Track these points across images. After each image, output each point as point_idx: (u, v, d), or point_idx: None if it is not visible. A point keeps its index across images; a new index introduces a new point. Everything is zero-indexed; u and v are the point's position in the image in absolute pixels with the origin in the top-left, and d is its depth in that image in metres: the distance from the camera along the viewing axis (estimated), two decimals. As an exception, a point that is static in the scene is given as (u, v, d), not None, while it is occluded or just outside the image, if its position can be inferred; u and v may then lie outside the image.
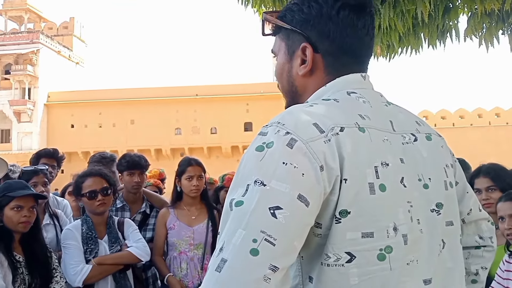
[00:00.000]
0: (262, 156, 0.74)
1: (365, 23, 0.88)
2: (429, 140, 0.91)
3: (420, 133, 0.91)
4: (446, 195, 0.88)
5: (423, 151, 0.88)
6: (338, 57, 0.88)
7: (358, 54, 0.90)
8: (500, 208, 2.00)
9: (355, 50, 0.89)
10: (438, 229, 0.86)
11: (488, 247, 1.06)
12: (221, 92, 39.58)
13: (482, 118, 39.67)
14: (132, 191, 3.02)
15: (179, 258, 2.79)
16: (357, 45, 0.89)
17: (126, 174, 2.99)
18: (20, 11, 42.22)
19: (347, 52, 0.88)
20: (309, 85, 0.91)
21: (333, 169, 0.75)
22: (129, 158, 3.06)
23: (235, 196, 0.73)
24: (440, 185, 0.88)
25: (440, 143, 0.95)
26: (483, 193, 2.29)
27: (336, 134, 0.77)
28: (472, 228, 1.05)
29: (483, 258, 1.06)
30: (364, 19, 0.88)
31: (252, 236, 0.68)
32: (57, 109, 40.50)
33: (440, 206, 0.86)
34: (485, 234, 1.06)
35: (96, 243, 2.48)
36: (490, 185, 2.28)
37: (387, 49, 3.87)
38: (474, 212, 1.04)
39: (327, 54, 0.88)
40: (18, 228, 2.21)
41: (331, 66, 0.89)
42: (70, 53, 44.37)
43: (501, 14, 3.42)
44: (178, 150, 38.98)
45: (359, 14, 0.87)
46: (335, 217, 0.76)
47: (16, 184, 2.35)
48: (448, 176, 0.91)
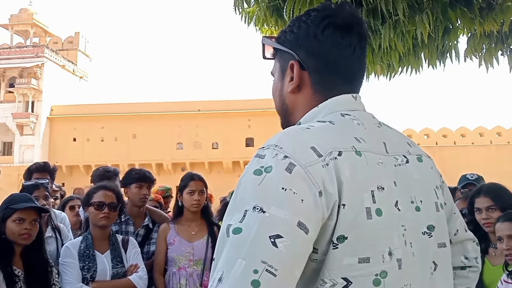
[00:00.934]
0: (260, 180, 0.73)
1: (350, 42, 0.89)
2: (420, 161, 0.92)
3: (411, 154, 0.92)
4: (437, 216, 0.89)
5: (415, 173, 0.88)
6: (324, 75, 0.91)
7: (345, 73, 0.91)
8: (498, 229, 2.00)
9: (341, 68, 0.91)
10: (430, 252, 0.86)
11: (473, 268, 1.06)
12: (223, 107, 39.74)
13: (483, 137, 39.63)
14: (139, 204, 3.05)
15: (178, 274, 2.78)
16: (342, 63, 0.90)
17: (135, 186, 3.03)
18: (26, 26, 42.73)
19: (333, 70, 0.90)
20: (298, 102, 0.93)
21: (332, 194, 0.74)
22: (139, 171, 3.16)
23: (232, 222, 0.72)
24: (431, 207, 0.89)
25: (430, 164, 0.95)
26: (483, 213, 2.29)
27: (335, 158, 0.77)
28: (458, 249, 1.05)
29: (468, 278, 1.06)
30: (349, 38, 0.89)
31: (253, 266, 0.67)
32: (59, 123, 40.64)
33: (431, 229, 0.87)
34: (470, 255, 1.06)
35: (94, 261, 2.47)
36: (490, 204, 2.29)
37: (387, 68, 3.92)
38: (461, 232, 1.04)
39: (313, 71, 0.91)
40: (19, 240, 2.22)
41: (318, 84, 0.91)
42: (74, 68, 44.74)
43: (500, 35, 3.47)
44: (179, 165, 38.94)
45: (344, 33, 0.89)
46: (332, 243, 0.75)
47: (20, 197, 2.37)
48: (439, 197, 0.92)
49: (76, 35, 45.95)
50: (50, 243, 2.71)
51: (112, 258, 2.53)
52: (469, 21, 3.20)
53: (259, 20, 3.89)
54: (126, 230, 2.99)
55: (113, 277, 2.50)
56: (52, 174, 3.24)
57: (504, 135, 39.54)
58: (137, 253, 2.67)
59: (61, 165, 35.29)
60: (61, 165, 35.42)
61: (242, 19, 3.98)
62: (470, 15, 3.12)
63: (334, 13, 0.90)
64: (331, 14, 0.90)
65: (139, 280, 2.53)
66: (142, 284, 2.54)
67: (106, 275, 2.48)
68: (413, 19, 3.15)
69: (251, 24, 4.01)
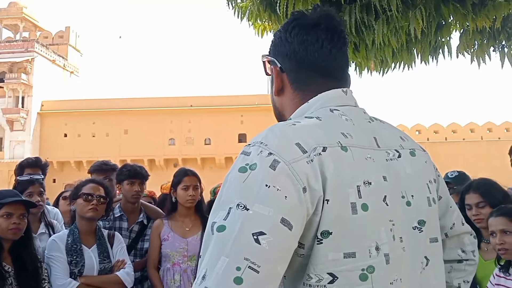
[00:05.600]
0: (245, 178, 0.74)
1: (317, 38, 0.92)
2: (413, 155, 0.93)
3: (404, 149, 0.92)
4: (429, 211, 0.90)
5: (407, 168, 0.89)
6: (299, 73, 0.94)
7: (318, 68, 0.93)
8: (491, 223, 2.02)
9: (313, 64, 0.93)
10: (421, 246, 0.86)
11: (470, 261, 1.07)
12: (216, 103, 39.68)
13: (474, 132, 40.03)
14: (131, 200, 3.02)
15: (172, 270, 2.77)
16: (312, 57, 0.93)
17: (127, 183, 3.00)
18: (16, 20, 42.23)
19: (306, 66, 0.93)
20: (285, 103, 0.98)
21: (316, 190, 0.75)
22: (130, 167, 3.10)
23: (217, 220, 0.73)
24: (423, 201, 0.89)
25: (424, 158, 0.96)
26: (473, 209, 2.30)
27: (319, 154, 0.77)
28: (455, 242, 1.06)
29: (465, 271, 1.07)
30: (315, 34, 0.92)
31: (236, 263, 0.68)
32: (50, 118, 40.33)
33: (422, 224, 0.87)
34: (467, 248, 1.06)
35: (82, 256, 2.44)
36: (479, 201, 2.30)
37: (380, 64, 3.93)
38: (457, 226, 1.05)
39: (289, 71, 0.95)
40: (8, 235, 2.19)
41: (295, 82, 0.95)
42: (65, 62, 44.36)
43: (492, 31, 3.49)
44: (171, 161, 38.88)
45: (309, 30, 0.93)
46: (316, 238, 0.76)
47: (7, 192, 2.34)
48: (431, 192, 0.92)
49: (67, 30, 45.53)
50: (44, 239, 2.68)
51: (99, 253, 2.51)
52: (461, 17, 3.22)
53: (252, 15, 3.87)
54: (120, 226, 2.97)
55: (100, 272, 2.48)
56: (44, 169, 3.21)
57: (495, 131, 39.97)
58: (123, 249, 2.65)
59: (52, 161, 35.02)
60: (52, 161, 35.15)
61: (235, 14, 3.96)
62: (463, 11, 3.14)
63: (302, 16, 0.96)
64: (299, 17, 0.96)
65: (127, 276, 2.51)
66: (129, 280, 2.52)
67: (93, 270, 2.46)
68: (406, 15, 3.16)
69: (244, 19, 4.00)
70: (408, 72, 17.89)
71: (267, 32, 4.21)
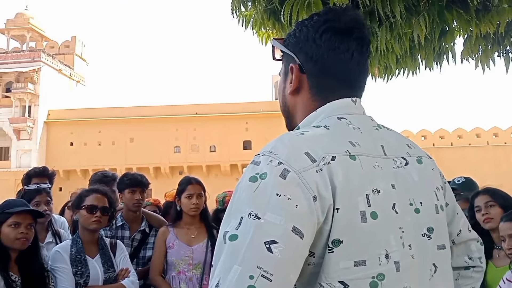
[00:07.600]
0: (255, 187, 0.75)
1: (348, 47, 0.90)
2: (420, 163, 0.92)
3: (411, 156, 0.92)
4: (437, 218, 0.89)
5: (414, 175, 0.89)
6: (321, 79, 0.92)
7: (342, 78, 0.91)
8: (501, 228, 2.05)
9: (339, 73, 0.91)
10: (429, 254, 0.86)
11: (477, 268, 1.06)
12: (221, 110, 39.77)
13: (480, 138, 39.78)
14: (132, 209, 3.02)
15: (178, 278, 2.77)
16: (340, 68, 0.91)
17: (128, 192, 3.00)
18: (23, 30, 42.69)
19: (330, 74, 0.91)
20: (297, 105, 0.95)
21: (326, 199, 0.75)
22: (131, 176, 3.10)
23: (229, 229, 0.73)
24: (431, 209, 0.89)
25: (431, 166, 0.96)
26: (483, 209, 2.35)
27: (328, 163, 0.78)
28: (462, 249, 1.05)
29: (472, 278, 1.06)
30: (347, 43, 0.90)
31: (249, 272, 0.68)
32: (56, 127, 40.57)
33: (431, 231, 0.87)
34: (474, 255, 1.06)
35: (86, 266, 2.43)
36: (488, 200, 2.36)
37: (384, 70, 3.93)
38: (464, 233, 1.04)
39: (311, 75, 0.92)
40: (15, 245, 2.19)
41: (315, 87, 0.92)
42: (71, 72, 44.72)
43: (496, 37, 3.49)
44: (177, 168, 38.93)
45: (342, 38, 0.90)
46: (327, 246, 0.76)
47: (15, 202, 2.35)
48: (439, 199, 0.92)
49: (73, 39, 45.93)
50: (51, 248, 2.67)
51: (103, 263, 2.50)
52: (465, 23, 3.22)
53: (256, 23, 3.89)
54: (122, 235, 2.97)
55: (105, 282, 2.47)
56: (51, 179, 3.23)
57: (501, 135, 39.71)
58: (126, 257, 2.64)
59: (58, 170, 35.16)
60: (58, 169, 35.29)
61: (239, 22, 3.98)
62: (466, 17, 3.14)
63: (335, 17, 0.91)
64: (332, 18, 0.91)
65: (132, 285, 2.50)
66: None
67: (98, 280, 2.45)
68: (410, 22, 3.16)
69: (248, 28, 4.02)
70: (413, 78, 17.89)
71: (270, 40, 4.23)
